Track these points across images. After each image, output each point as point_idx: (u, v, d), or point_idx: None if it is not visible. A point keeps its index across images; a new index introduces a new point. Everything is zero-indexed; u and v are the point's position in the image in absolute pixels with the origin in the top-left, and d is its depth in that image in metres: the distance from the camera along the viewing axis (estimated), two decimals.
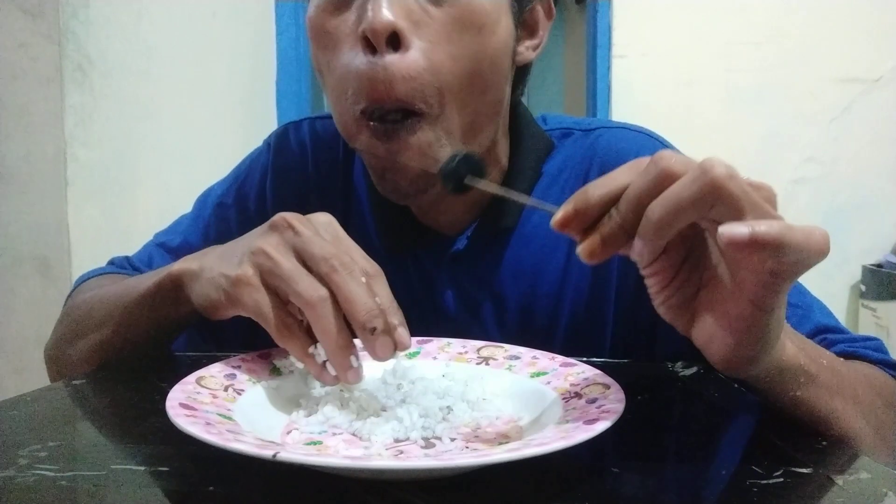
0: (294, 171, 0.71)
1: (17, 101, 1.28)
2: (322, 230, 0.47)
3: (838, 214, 2.29)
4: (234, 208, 0.72)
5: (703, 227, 0.37)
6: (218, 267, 0.49)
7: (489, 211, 0.65)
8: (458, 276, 0.66)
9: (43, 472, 0.35)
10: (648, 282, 0.40)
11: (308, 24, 0.57)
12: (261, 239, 0.47)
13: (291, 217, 0.47)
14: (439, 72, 0.53)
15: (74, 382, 0.53)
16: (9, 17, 1.26)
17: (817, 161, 2.28)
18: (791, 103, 2.26)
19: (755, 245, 0.32)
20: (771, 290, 0.35)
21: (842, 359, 0.50)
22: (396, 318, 0.44)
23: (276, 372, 0.47)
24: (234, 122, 2.02)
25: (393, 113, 0.54)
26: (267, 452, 0.31)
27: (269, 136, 0.75)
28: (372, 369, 0.47)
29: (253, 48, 2.20)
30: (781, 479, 0.35)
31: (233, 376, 0.45)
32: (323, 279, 0.44)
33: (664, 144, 0.67)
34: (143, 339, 0.58)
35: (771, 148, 2.27)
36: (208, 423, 0.35)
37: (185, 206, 0.78)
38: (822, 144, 2.28)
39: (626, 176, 0.36)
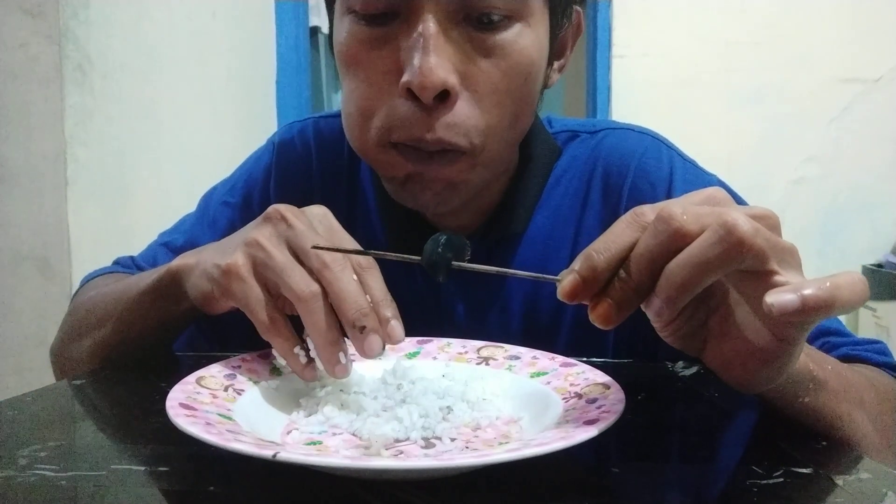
0: (298, 171, 0.71)
1: (17, 101, 1.28)
2: (316, 222, 0.47)
3: (838, 214, 2.29)
4: (238, 207, 0.72)
5: None
6: (211, 258, 0.49)
7: (498, 215, 0.65)
8: (464, 279, 0.65)
9: (43, 472, 0.35)
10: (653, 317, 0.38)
11: (338, 50, 0.55)
12: (255, 230, 0.47)
13: (285, 209, 0.47)
14: (484, 117, 0.53)
15: (75, 382, 0.53)
16: (9, 17, 1.26)
17: (817, 161, 2.28)
18: (791, 103, 2.27)
19: (806, 312, 0.31)
20: (801, 329, 0.35)
21: (846, 363, 0.50)
22: (389, 310, 0.44)
23: (276, 372, 0.47)
24: (234, 122, 2.02)
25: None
26: (267, 452, 0.30)
27: (273, 136, 0.75)
28: (372, 369, 0.47)
29: (253, 48, 2.20)
30: (781, 479, 0.35)
31: (233, 376, 0.45)
32: (314, 274, 0.44)
33: (668, 146, 0.67)
34: (144, 336, 0.58)
35: (771, 148, 2.27)
36: (208, 423, 0.35)
37: (185, 205, 0.78)
38: (822, 144, 2.28)
39: (628, 233, 0.35)
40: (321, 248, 0.44)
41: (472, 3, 0.50)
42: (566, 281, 0.35)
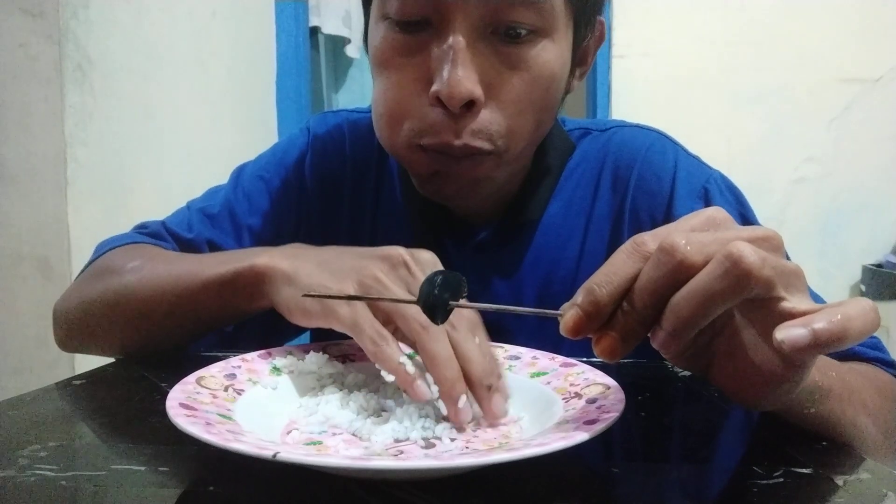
0: (332, 152, 0.74)
1: (17, 101, 1.28)
2: (429, 271, 0.45)
3: (838, 214, 2.29)
4: (274, 182, 0.73)
5: None
6: (319, 277, 0.48)
7: (517, 204, 0.68)
8: (481, 264, 0.68)
9: (43, 472, 0.35)
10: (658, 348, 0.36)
11: (372, 53, 0.58)
12: (373, 265, 0.47)
13: (406, 253, 0.47)
14: (507, 122, 0.56)
15: (74, 382, 0.53)
16: (9, 17, 1.26)
17: (817, 161, 2.28)
18: (791, 103, 2.26)
19: (818, 346, 0.30)
20: (812, 356, 0.34)
21: (846, 365, 0.50)
22: (495, 380, 0.43)
23: (276, 372, 0.47)
24: (234, 122, 2.01)
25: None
26: (267, 452, 0.30)
27: (307, 122, 0.78)
28: (372, 369, 0.47)
29: (253, 48, 2.20)
30: (781, 479, 0.35)
31: (233, 376, 0.45)
32: None
33: (673, 142, 0.70)
34: (203, 324, 0.58)
35: (771, 148, 2.27)
36: (208, 423, 0.35)
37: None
38: (822, 144, 2.28)
39: (630, 264, 0.34)
40: (312, 296, 0.45)
41: (500, 17, 0.53)
42: (568, 316, 0.34)
